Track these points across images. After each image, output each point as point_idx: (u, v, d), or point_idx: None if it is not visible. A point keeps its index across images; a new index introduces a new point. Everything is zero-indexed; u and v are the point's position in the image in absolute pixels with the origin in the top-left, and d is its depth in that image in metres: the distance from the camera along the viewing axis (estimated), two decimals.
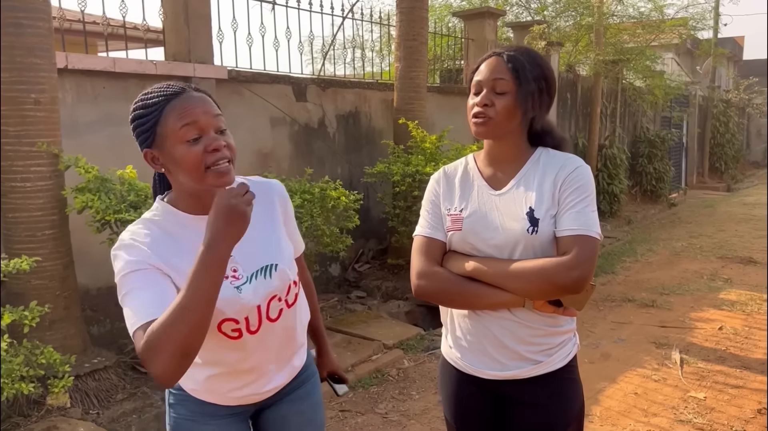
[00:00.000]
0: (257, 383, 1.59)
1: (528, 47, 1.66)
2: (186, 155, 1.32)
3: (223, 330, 1.45)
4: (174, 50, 4.97)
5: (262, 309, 1.48)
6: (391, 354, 4.37)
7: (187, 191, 1.42)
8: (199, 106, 1.36)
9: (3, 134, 3.46)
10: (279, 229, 1.57)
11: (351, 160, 6.38)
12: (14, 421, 3.29)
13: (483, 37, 8.26)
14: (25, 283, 3.52)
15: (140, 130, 1.38)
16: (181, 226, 1.42)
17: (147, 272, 1.33)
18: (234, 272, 1.44)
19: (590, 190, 1.57)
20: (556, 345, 1.62)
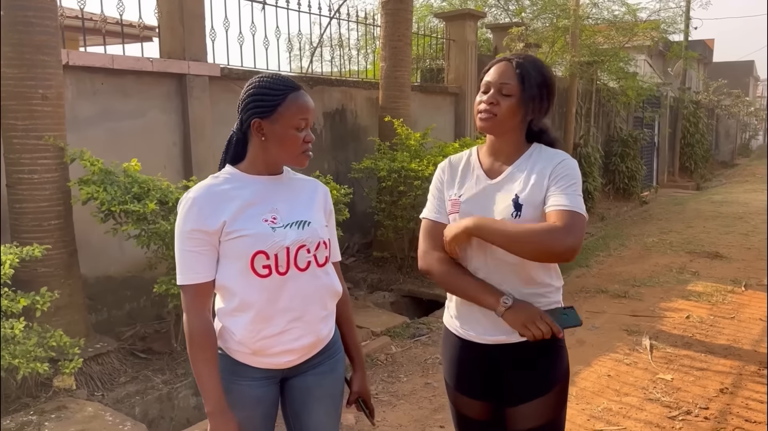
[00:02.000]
0: (288, 335, 1.73)
1: (535, 57, 1.85)
2: (293, 138, 1.70)
3: (255, 267, 1.66)
4: (169, 48, 5.13)
5: (291, 252, 1.70)
6: (379, 341, 4.59)
7: (263, 159, 1.75)
8: (311, 105, 1.74)
9: (12, 128, 3.61)
10: (317, 207, 1.84)
11: (337, 156, 6.59)
12: (24, 402, 3.45)
13: (464, 37, 8.52)
14: (33, 271, 3.67)
15: (262, 104, 1.69)
16: (240, 182, 1.74)
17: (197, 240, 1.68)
18: (273, 219, 1.71)
19: (577, 178, 1.76)
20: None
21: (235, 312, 1.72)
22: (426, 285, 5.96)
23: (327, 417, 1.88)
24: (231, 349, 1.76)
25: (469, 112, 8.66)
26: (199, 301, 1.68)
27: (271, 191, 1.76)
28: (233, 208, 1.68)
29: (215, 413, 1.66)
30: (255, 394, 1.77)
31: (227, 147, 1.81)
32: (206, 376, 1.67)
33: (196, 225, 1.66)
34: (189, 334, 1.68)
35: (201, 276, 1.67)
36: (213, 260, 1.70)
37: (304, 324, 1.75)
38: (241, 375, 1.76)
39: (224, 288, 1.72)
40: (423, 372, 4.21)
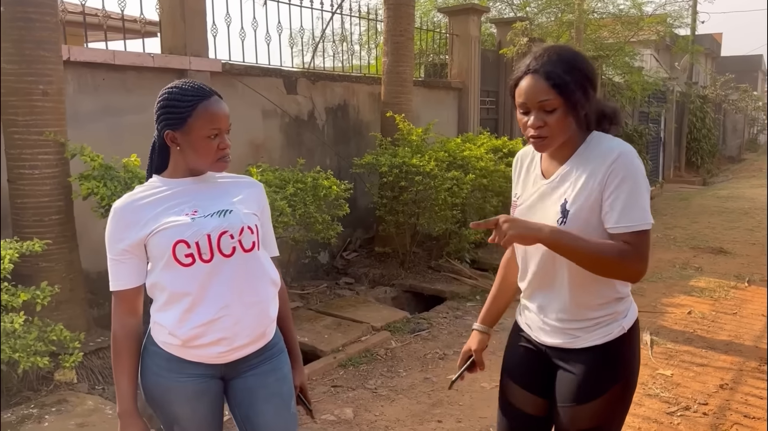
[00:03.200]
0: (219, 323, 1.72)
1: (558, 47, 1.70)
2: (205, 146, 1.72)
3: (177, 257, 1.68)
4: (170, 44, 5.14)
5: (213, 239, 1.70)
6: (379, 336, 4.61)
7: (182, 165, 1.77)
8: (223, 112, 1.74)
9: (12, 124, 3.64)
10: (242, 200, 1.82)
11: (339, 152, 6.59)
12: (25, 395, 3.48)
13: (467, 32, 8.50)
14: (34, 265, 3.70)
15: (171, 116, 1.70)
16: (164, 185, 1.77)
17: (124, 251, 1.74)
18: (194, 212, 1.74)
19: (636, 176, 1.61)
20: (592, 324, 1.73)
21: (165, 306, 1.75)
22: (427, 281, 5.97)
23: (277, 416, 1.86)
24: (165, 343, 1.77)
25: (472, 107, 8.65)
26: (122, 306, 1.76)
27: (194, 190, 1.78)
28: (155, 210, 1.72)
29: (124, 415, 1.76)
30: (195, 389, 1.78)
31: (151, 155, 1.83)
32: (122, 379, 1.75)
33: (119, 238, 1.72)
34: (112, 337, 1.77)
35: (122, 283, 1.74)
36: (137, 267, 1.75)
37: (235, 310, 1.74)
38: (178, 371, 1.77)
39: (154, 286, 1.76)
40: (422, 367, 4.22)
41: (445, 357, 4.38)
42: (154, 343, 1.79)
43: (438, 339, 4.74)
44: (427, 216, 5.78)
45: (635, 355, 1.81)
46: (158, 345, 1.78)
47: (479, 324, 2.11)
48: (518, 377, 1.95)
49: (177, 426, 1.80)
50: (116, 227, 1.72)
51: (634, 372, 1.81)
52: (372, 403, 3.70)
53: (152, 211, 1.71)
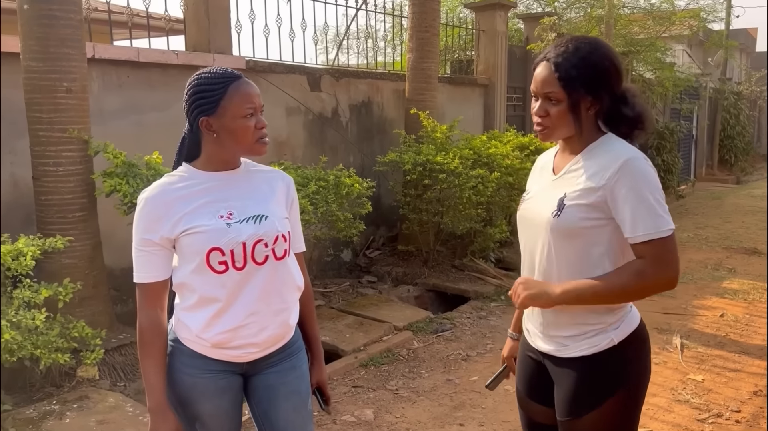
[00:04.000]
0: (246, 330, 1.72)
1: (580, 39, 1.65)
2: (244, 128, 1.66)
3: (211, 264, 1.66)
4: (194, 41, 5.15)
5: (247, 247, 1.68)
6: (401, 335, 4.55)
7: (218, 154, 1.72)
8: (254, 90, 1.70)
9: (37, 121, 3.65)
10: (276, 200, 1.80)
11: (363, 149, 6.54)
12: (48, 391, 3.51)
13: (494, 28, 8.38)
14: (57, 262, 3.72)
15: (204, 101, 1.66)
16: (196, 179, 1.72)
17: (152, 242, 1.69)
18: (229, 215, 1.70)
19: (647, 183, 1.56)
20: (578, 333, 1.68)
21: (193, 309, 1.72)
22: (451, 280, 5.89)
23: (296, 413, 1.87)
24: (190, 341, 1.75)
25: (498, 103, 8.53)
26: (150, 300, 1.71)
27: (228, 187, 1.74)
28: (188, 207, 1.68)
29: (156, 410, 1.70)
30: (218, 385, 1.78)
31: (180, 148, 1.79)
32: (151, 374, 1.70)
33: (148, 228, 1.67)
34: (139, 331, 1.71)
35: (151, 275, 1.70)
36: (165, 260, 1.71)
37: (262, 318, 1.74)
38: (202, 368, 1.76)
39: (182, 285, 1.73)
40: (445, 368, 4.16)
41: (468, 359, 4.31)
42: (178, 340, 1.77)
43: (461, 339, 4.66)
44: (451, 215, 5.70)
45: (635, 367, 1.72)
46: (182, 342, 1.76)
47: (510, 331, 2.09)
48: (523, 386, 1.92)
49: (199, 423, 1.78)
50: (146, 218, 1.67)
51: (634, 385, 1.71)
52: (393, 405, 3.65)
53: (185, 208, 1.67)
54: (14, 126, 3.91)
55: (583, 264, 1.65)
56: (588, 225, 1.62)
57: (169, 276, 1.73)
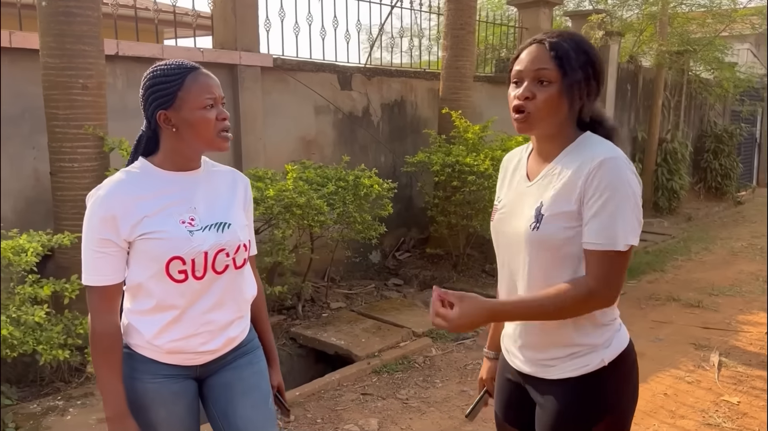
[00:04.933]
0: (198, 338, 1.68)
1: (573, 32, 1.54)
2: (202, 118, 1.59)
3: (170, 272, 1.60)
4: (222, 38, 5.13)
5: (209, 257, 1.62)
6: (419, 342, 4.41)
7: (177, 150, 1.64)
8: (213, 81, 1.63)
9: (54, 117, 3.68)
10: (237, 205, 1.76)
11: (395, 149, 6.42)
12: (56, 386, 3.53)
13: (537, 26, 8.11)
14: (71, 258, 3.73)
15: (161, 93, 1.59)
16: (155, 178, 1.64)
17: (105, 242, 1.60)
18: (191, 220, 1.64)
19: (617, 188, 1.40)
20: (566, 354, 1.55)
21: (147, 314, 1.66)
22: (480, 285, 5.70)
23: (255, 410, 1.80)
24: (140, 346, 1.68)
25: None
26: (104, 304, 1.63)
27: (189, 188, 1.68)
28: (148, 210, 1.60)
29: (114, 418, 1.62)
30: (171, 390, 1.71)
31: (136, 146, 1.70)
32: (107, 380, 1.62)
33: (104, 228, 1.58)
34: (92, 336, 1.63)
35: (109, 278, 1.61)
36: (122, 262, 1.63)
37: (216, 327, 1.71)
38: (154, 373, 1.69)
39: (139, 288, 1.65)
40: (461, 379, 3.99)
41: None
42: (127, 345, 1.70)
43: (482, 348, 4.48)
44: (481, 218, 5.51)
45: (624, 390, 1.57)
46: (131, 347, 1.69)
47: (486, 349, 1.93)
48: (502, 410, 1.77)
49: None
50: (102, 217, 1.57)
51: (623, 410, 1.56)
52: (400, 415, 3.51)
53: (145, 210, 1.60)
54: (38, 122, 3.96)
55: (567, 277, 1.49)
56: (570, 235, 1.46)
57: (123, 279, 1.66)
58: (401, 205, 6.49)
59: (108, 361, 1.62)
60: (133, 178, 1.63)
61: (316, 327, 4.53)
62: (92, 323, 1.62)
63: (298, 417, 3.42)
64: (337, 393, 3.74)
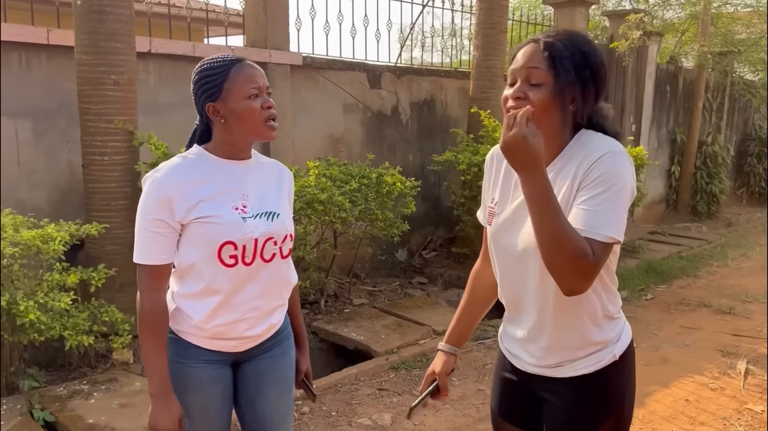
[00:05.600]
0: (243, 324, 1.74)
1: (574, 31, 1.50)
2: (249, 109, 1.65)
3: (222, 257, 1.65)
4: (253, 37, 5.23)
5: (258, 244, 1.68)
6: (439, 340, 4.39)
7: (228, 140, 1.70)
8: (257, 71, 1.69)
9: (86, 112, 3.82)
10: (284, 196, 1.83)
11: (423, 148, 6.43)
12: (82, 371, 3.66)
13: (573, 25, 8.01)
14: (101, 248, 3.87)
15: (208, 86, 1.66)
16: (210, 166, 1.70)
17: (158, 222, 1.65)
18: (244, 207, 1.70)
19: (612, 181, 1.37)
20: (580, 351, 1.53)
21: (197, 297, 1.70)
22: None
23: (280, 400, 1.89)
24: (183, 332, 1.74)
25: None
26: (154, 282, 1.67)
27: (241, 177, 1.73)
28: (202, 193, 1.65)
29: (157, 395, 1.66)
30: (210, 375, 1.77)
31: (191, 137, 1.77)
32: (153, 358, 1.66)
33: (159, 209, 1.63)
34: (140, 314, 1.67)
35: (159, 258, 1.66)
36: (173, 243, 1.67)
37: (261, 313, 1.77)
38: (194, 358, 1.74)
39: (189, 270, 1.69)
40: (478, 377, 3.99)
41: None
42: (171, 331, 1.75)
43: None
44: None
45: (629, 384, 1.58)
46: (175, 332, 1.75)
47: (444, 343, 1.90)
48: (502, 409, 1.75)
49: (186, 417, 1.74)
50: (158, 199, 1.62)
51: (628, 404, 1.57)
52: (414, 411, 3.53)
53: (201, 194, 1.64)
54: (72, 116, 4.09)
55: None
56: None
57: (173, 260, 1.70)
58: (429, 204, 6.50)
59: (154, 339, 1.66)
60: (189, 163, 1.68)
61: (337, 322, 4.59)
62: (141, 301, 1.67)
63: (314, 409, 3.47)
64: (354, 388, 3.78)
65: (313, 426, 3.33)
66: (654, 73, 9.35)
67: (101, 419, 3.11)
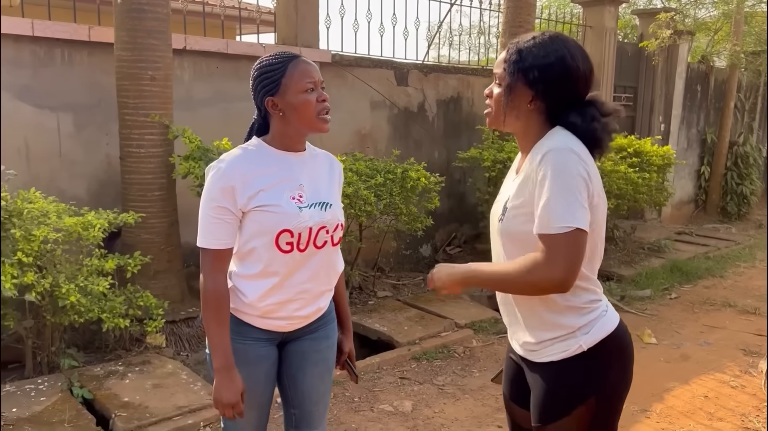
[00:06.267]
0: (293, 304, 1.86)
1: (556, 35, 1.59)
2: (304, 101, 1.75)
3: (279, 243, 1.77)
4: (283, 34, 5.37)
5: (312, 232, 1.80)
6: (460, 333, 4.51)
7: (285, 133, 1.81)
8: (312, 67, 1.81)
9: (124, 106, 3.99)
10: (335, 187, 1.95)
11: (449, 145, 6.51)
12: (118, 353, 3.83)
13: (602, 24, 8.03)
14: (136, 236, 4.05)
15: (267, 81, 1.77)
16: (269, 157, 1.82)
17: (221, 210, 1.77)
18: (300, 197, 1.81)
19: (555, 176, 1.46)
20: (546, 338, 1.62)
21: (254, 278, 1.82)
22: None
23: (320, 380, 2.00)
24: (238, 310, 1.85)
25: None
26: (216, 265, 1.77)
27: (296, 168, 1.84)
28: (262, 183, 1.76)
29: (221, 370, 1.77)
30: (258, 353, 1.88)
31: (249, 131, 1.90)
32: (216, 335, 1.78)
33: (223, 197, 1.73)
34: (204, 295, 1.77)
35: (222, 242, 1.76)
36: (234, 228, 1.78)
37: (310, 296, 1.89)
38: (246, 335, 1.86)
39: (249, 253, 1.80)
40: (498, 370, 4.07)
41: None
42: None
43: None
44: None
45: (608, 375, 1.62)
46: (230, 310, 1.85)
47: None
48: (507, 387, 1.87)
49: None
50: (222, 188, 1.73)
51: (607, 394, 1.63)
52: (435, 399, 3.64)
53: (261, 184, 1.76)
54: (111, 110, 4.27)
55: None
56: (529, 229, 1.51)
57: (234, 244, 1.80)
58: (454, 200, 6.58)
59: (217, 317, 1.77)
60: (250, 154, 1.80)
61: (361, 313, 4.70)
62: (204, 282, 1.77)
63: (337, 394, 3.60)
64: (376, 376, 3.89)
65: (336, 410, 3.45)
66: (684, 72, 9.28)
67: (135, 398, 3.27)
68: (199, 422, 3.14)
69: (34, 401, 3.19)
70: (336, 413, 3.43)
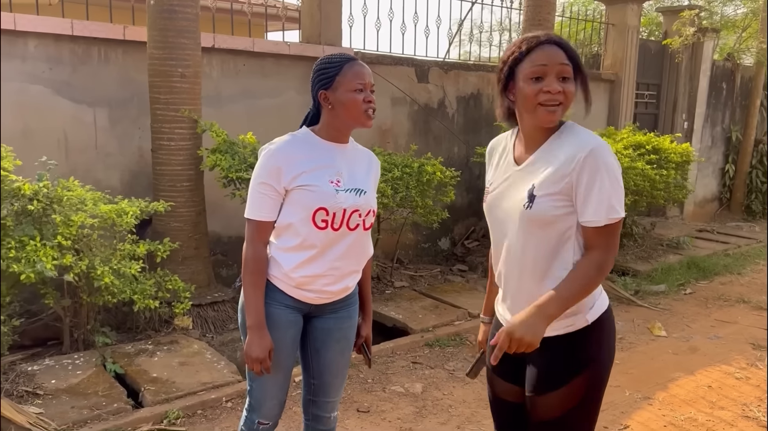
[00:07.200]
0: (324, 279, 2.05)
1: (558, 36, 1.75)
2: (353, 100, 1.95)
3: (315, 220, 1.97)
4: (308, 33, 5.57)
5: (346, 213, 1.99)
6: (474, 322, 4.67)
7: (333, 124, 2.02)
8: (366, 70, 2.00)
9: (156, 101, 4.23)
10: (371, 178, 2.15)
11: (469, 141, 6.66)
12: (147, 333, 4.08)
13: (624, 21, 8.09)
14: (166, 224, 4.29)
15: (323, 76, 1.98)
16: (314, 145, 2.03)
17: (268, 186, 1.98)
18: (338, 182, 2.00)
19: (606, 170, 1.62)
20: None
21: (291, 250, 2.03)
22: None
23: (341, 355, 2.21)
24: (273, 277, 2.07)
25: (625, 100, 8.22)
26: (259, 235, 2.01)
27: (338, 157, 2.04)
28: (305, 166, 1.97)
29: (254, 328, 1.99)
30: (288, 318, 2.09)
31: (304, 120, 2.11)
32: (253, 298, 2.01)
33: (269, 176, 1.96)
34: (245, 261, 2.01)
35: (265, 215, 1.99)
36: (278, 204, 2.00)
37: (339, 274, 2.08)
38: (278, 301, 2.07)
39: (288, 227, 2.01)
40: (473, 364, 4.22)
41: None
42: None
43: None
44: None
45: (603, 348, 1.78)
46: (267, 276, 2.08)
47: (482, 315, 2.18)
48: (495, 366, 1.95)
49: None
50: (270, 166, 1.95)
51: (602, 364, 1.78)
52: (444, 383, 3.81)
53: (305, 167, 1.97)
54: (143, 105, 4.52)
55: (553, 250, 1.73)
56: (559, 213, 1.68)
57: (276, 218, 2.02)
58: (473, 195, 6.73)
59: (255, 282, 2.01)
60: (297, 141, 2.02)
61: (378, 302, 4.89)
62: (246, 250, 2.01)
63: (351, 376, 3.79)
64: (389, 360, 4.08)
65: (350, 390, 3.65)
66: (709, 70, 9.27)
67: (163, 374, 3.51)
68: (222, 397, 3.37)
69: (71, 374, 3.45)
70: (350, 392, 3.62)
